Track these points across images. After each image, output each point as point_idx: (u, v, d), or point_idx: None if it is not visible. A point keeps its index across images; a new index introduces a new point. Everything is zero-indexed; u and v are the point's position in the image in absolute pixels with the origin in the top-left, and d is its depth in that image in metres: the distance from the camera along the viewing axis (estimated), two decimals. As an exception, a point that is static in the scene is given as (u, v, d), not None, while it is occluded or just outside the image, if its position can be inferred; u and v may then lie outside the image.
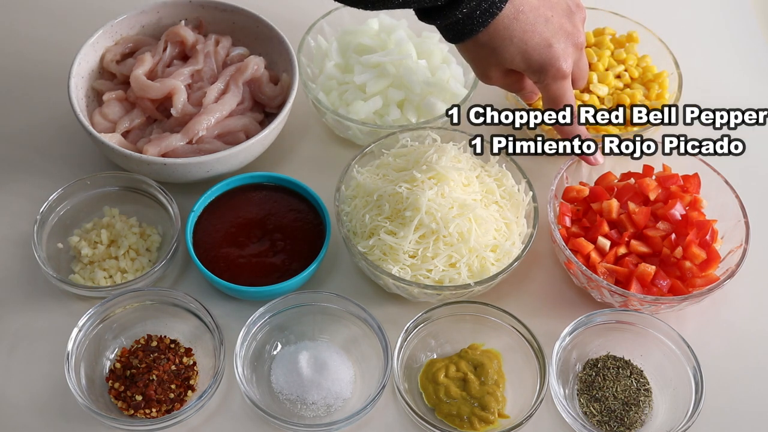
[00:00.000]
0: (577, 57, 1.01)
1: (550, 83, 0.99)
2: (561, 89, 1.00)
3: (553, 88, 1.00)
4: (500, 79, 1.02)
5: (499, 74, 1.01)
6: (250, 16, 1.24)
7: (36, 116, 1.25)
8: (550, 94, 1.01)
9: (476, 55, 0.99)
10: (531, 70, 0.99)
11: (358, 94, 1.21)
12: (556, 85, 1.00)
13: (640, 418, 1.02)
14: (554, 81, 0.99)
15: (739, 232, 1.10)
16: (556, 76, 0.99)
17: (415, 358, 1.05)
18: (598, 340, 1.06)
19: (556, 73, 0.98)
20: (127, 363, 1.02)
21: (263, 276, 1.06)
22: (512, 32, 0.95)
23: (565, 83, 1.00)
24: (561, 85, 1.00)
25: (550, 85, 1.00)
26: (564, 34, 0.98)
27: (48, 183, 1.15)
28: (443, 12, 0.94)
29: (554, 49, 0.97)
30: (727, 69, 1.40)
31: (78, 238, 1.10)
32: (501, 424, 1.00)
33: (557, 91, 1.00)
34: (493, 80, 1.02)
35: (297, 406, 1.01)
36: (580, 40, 1.00)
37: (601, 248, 1.08)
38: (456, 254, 1.04)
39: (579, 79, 1.05)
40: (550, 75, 0.98)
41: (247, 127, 1.17)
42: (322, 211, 1.11)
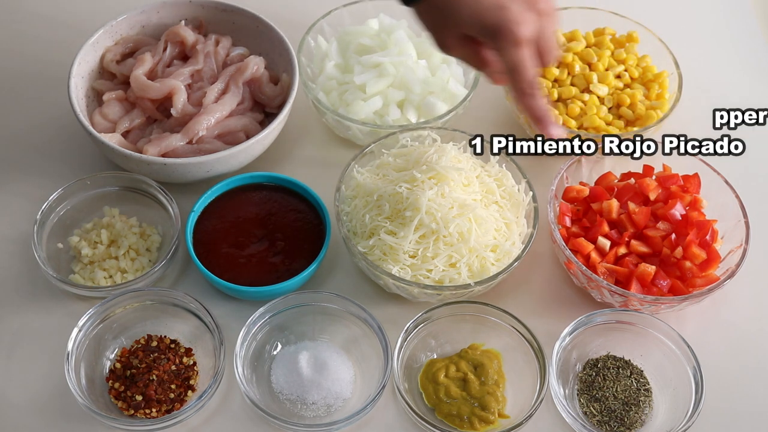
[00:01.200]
0: (540, 25, 0.94)
1: (507, 49, 0.92)
2: (518, 57, 0.93)
3: (511, 55, 0.92)
4: (458, 47, 0.97)
5: (456, 41, 0.96)
6: (250, 16, 1.24)
7: (36, 116, 1.25)
8: (508, 61, 0.93)
9: (431, 19, 0.96)
10: (485, 34, 0.93)
11: (358, 94, 1.21)
12: (513, 51, 0.92)
13: (640, 418, 1.02)
14: (511, 47, 0.92)
15: (739, 232, 1.10)
16: (513, 41, 0.92)
17: (415, 358, 1.05)
18: (598, 340, 1.06)
19: (513, 38, 0.91)
20: (127, 363, 1.02)
21: (263, 276, 1.06)
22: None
23: (522, 51, 0.93)
24: (518, 52, 0.92)
25: (506, 50, 0.92)
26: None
27: (48, 183, 1.15)
28: None
29: (509, 11, 0.91)
30: (727, 69, 1.40)
31: (78, 238, 1.10)
32: (501, 424, 1.00)
33: (515, 59, 0.93)
34: (452, 49, 0.97)
35: (297, 406, 1.01)
36: (541, 5, 0.93)
37: (601, 248, 1.08)
38: (456, 254, 1.04)
39: (545, 53, 0.96)
40: (505, 39, 0.92)
41: (247, 127, 1.17)
42: (322, 211, 1.11)
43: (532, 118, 0.97)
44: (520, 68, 0.93)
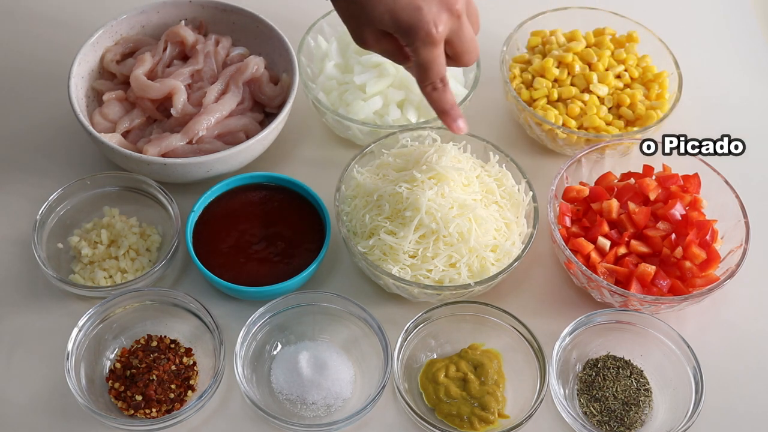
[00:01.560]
0: (455, 26, 0.95)
1: (420, 48, 0.94)
2: (431, 56, 0.95)
3: (423, 54, 0.95)
4: (376, 42, 0.98)
5: (372, 37, 0.97)
6: (250, 16, 1.24)
7: (36, 116, 1.25)
8: (419, 60, 0.95)
9: (348, 12, 0.97)
10: (400, 32, 0.94)
11: (358, 94, 1.21)
12: (425, 50, 0.94)
13: (640, 418, 1.02)
14: (424, 46, 0.94)
15: (739, 232, 1.10)
16: (426, 41, 0.94)
17: (415, 358, 1.05)
18: (598, 340, 1.06)
19: (425, 37, 0.93)
20: (127, 363, 1.02)
21: (263, 276, 1.06)
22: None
23: (435, 51, 0.95)
24: (431, 51, 0.95)
25: (419, 49, 0.94)
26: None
27: (48, 183, 1.15)
28: None
29: (424, 11, 0.93)
30: (727, 69, 1.40)
31: (78, 238, 1.10)
32: (501, 424, 1.00)
33: (425, 58, 0.95)
34: (369, 43, 0.98)
35: (297, 406, 1.01)
36: (457, 6, 0.94)
37: (601, 248, 1.08)
38: (456, 254, 1.04)
39: (463, 54, 0.98)
40: (419, 38, 0.93)
41: (247, 127, 1.17)
42: (322, 211, 1.11)
43: (438, 111, 1.00)
44: (431, 66, 0.96)
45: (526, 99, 1.23)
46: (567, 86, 1.23)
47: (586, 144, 1.19)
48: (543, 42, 1.29)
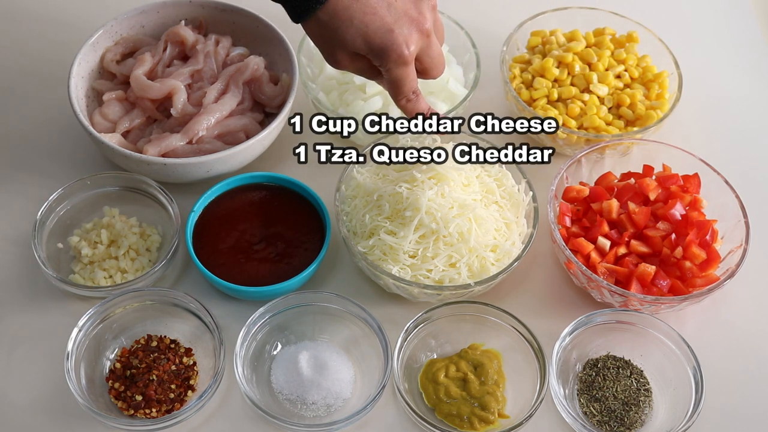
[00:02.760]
0: (424, 44, 0.99)
1: (392, 68, 0.98)
2: (402, 75, 0.99)
3: (394, 74, 0.98)
4: (348, 63, 1.00)
5: (345, 58, 0.99)
6: (250, 16, 1.24)
7: (36, 116, 1.25)
8: (391, 79, 0.99)
9: (320, 36, 0.99)
10: (372, 54, 0.97)
11: (358, 94, 1.21)
12: (397, 70, 0.98)
13: (640, 418, 1.02)
14: (396, 66, 0.97)
15: (739, 232, 1.10)
16: (398, 62, 0.97)
17: (415, 358, 1.05)
18: (598, 340, 1.06)
19: (397, 59, 0.97)
20: (127, 363, 1.02)
21: (263, 276, 1.06)
22: (352, 13, 0.95)
23: (407, 69, 0.98)
24: (402, 71, 0.98)
25: (391, 70, 0.98)
26: (407, 20, 0.96)
27: (48, 183, 1.15)
28: None
29: (395, 33, 0.96)
30: (727, 69, 1.40)
31: (78, 238, 1.10)
32: (501, 424, 1.00)
33: (398, 76, 0.99)
34: (342, 64, 1.00)
35: (297, 406, 1.01)
36: (426, 26, 0.98)
37: (601, 248, 1.08)
38: (456, 254, 1.04)
39: (432, 69, 1.02)
40: (391, 60, 0.97)
41: (247, 127, 1.17)
42: (322, 211, 1.11)
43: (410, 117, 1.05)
44: (403, 82, 1.00)
45: (526, 99, 1.23)
46: (567, 86, 1.23)
47: (586, 144, 1.19)
48: (543, 42, 1.29)
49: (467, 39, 1.26)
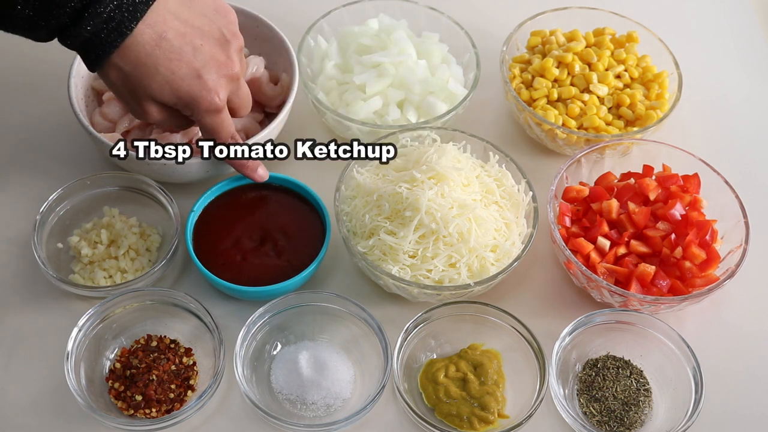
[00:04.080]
0: (234, 88, 0.97)
1: (204, 117, 0.95)
2: (216, 122, 0.96)
3: (208, 122, 0.96)
4: (159, 114, 0.95)
5: (155, 109, 0.95)
6: (250, 16, 1.24)
7: (36, 116, 1.25)
8: (206, 128, 0.97)
9: (124, 89, 0.93)
10: (182, 104, 0.93)
11: (358, 94, 1.21)
12: (210, 118, 0.95)
13: (640, 418, 1.02)
14: (208, 114, 0.95)
15: (739, 232, 1.10)
16: (209, 110, 0.94)
17: (415, 358, 1.05)
18: (598, 340, 1.07)
19: (208, 107, 0.94)
20: (127, 363, 1.02)
21: (263, 276, 1.06)
22: (157, 60, 0.89)
23: (221, 116, 0.96)
24: (216, 118, 0.96)
25: (204, 119, 0.95)
26: (215, 65, 0.93)
27: (48, 183, 1.15)
28: (70, 30, 0.88)
29: (204, 80, 0.92)
30: (727, 69, 1.40)
31: (78, 238, 1.10)
32: (501, 424, 1.00)
33: (212, 124, 0.96)
34: (151, 116, 0.95)
35: (297, 406, 1.01)
36: (235, 70, 0.95)
37: (601, 248, 1.08)
38: (456, 254, 1.04)
39: (240, 109, 1.00)
40: (202, 108, 0.94)
41: (247, 127, 1.17)
42: (322, 211, 1.11)
43: (236, 166, 1.05)
44: (219, 129, 0.98)
45: (526, 99, 1.23)
46: (567, 86, 1.23)
47: (586, 144, 1.19)
48: (543, 42, 1.29)
49: (467, 39, 1.26)
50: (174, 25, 0.90)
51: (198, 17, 0.93)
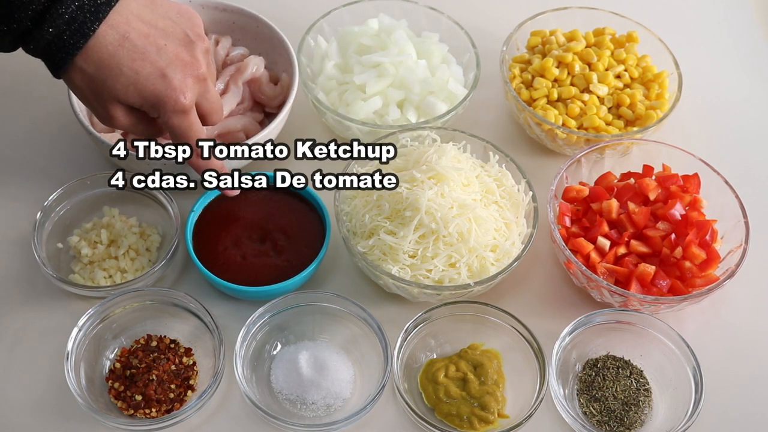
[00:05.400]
0: (202, 89, 0.94)
1: (171, 118, 0.93)
2: (183, 124, 0.94)
3: (174, 123, 0.93)
4: (125, 118, 0.94)
5: (121, 113, 0.93)
6: (250, 16, 1.24)
7: (36, 116, 1.25)
8: (173, 129, 0.94)
9: (88, 91, 0.92)
10: (147, 104, 0.92)
11: (358, 94, 1.21)
12: (177, 119, 0.93)
13: (640, 418, 1.02)
14: (174, 115, 0.93)
15: (739, 232, 1.10)
16: (175, 110, 0.92)
17: (415, 358, 1.05)
18: (598, 340, 1.07)
19: (174, 106, 0.92)
20: (127, 363, 1.02)
21: (263, 276, 1.06)
22: (120, 61, 0.88)
23: (188, 118, 0.94)
24: (182, 119, 0.93)
25: (170, 120, 0.93)
26: (181, 65, 0.91)
27: (48, 183, 1.15)
28: (33, 34, 0.87)
29: (169, 79, 0.90)
30: (727, 69, 1.40)
31: (78, 238, 1.10)
32: (501, 424, 1.00)
33: (179, 126, 0.94)
34: (118, 121, 0.94)
35: (297, 406, 1.01)
36: (201, 71, 0.93)
37: (601, 248, 1.08)
38: (456, 254, 1.04)
39: (210, 114, 0.98)
40: (168, 109, 0.92)
41: (247, 127, 1.17)
42: (322, 211, 1.11)
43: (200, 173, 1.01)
44: (187, 133, 0.95)
45: (525, 99, 1.23)
46: (567, 86, 1.23)
47: (586, 144, 1.19)
48: (543, 42, 1.29)
49: (467, 39, 1.26)
50: (137, 26, 0.90)
51: (161, 19, 0.92)
